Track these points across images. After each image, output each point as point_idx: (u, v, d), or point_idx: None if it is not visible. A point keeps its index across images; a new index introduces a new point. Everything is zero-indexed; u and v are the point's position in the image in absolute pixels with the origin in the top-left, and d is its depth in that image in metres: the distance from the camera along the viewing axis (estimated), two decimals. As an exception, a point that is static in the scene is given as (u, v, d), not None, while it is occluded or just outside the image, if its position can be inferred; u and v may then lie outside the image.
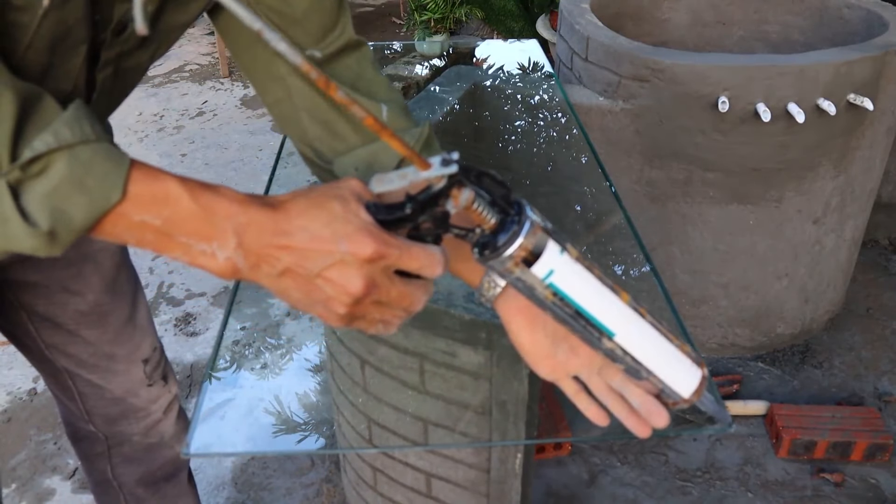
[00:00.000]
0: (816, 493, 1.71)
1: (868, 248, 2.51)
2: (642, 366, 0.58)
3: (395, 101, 0.76)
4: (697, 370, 0.61)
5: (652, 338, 0.57)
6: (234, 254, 0.49)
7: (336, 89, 0.44)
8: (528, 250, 0.49)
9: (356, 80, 0.75)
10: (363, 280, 0.49)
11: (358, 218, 0.49)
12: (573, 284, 0.52)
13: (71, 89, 0.63)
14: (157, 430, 1.18)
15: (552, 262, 0.50)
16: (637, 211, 1.95)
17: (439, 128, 1.59)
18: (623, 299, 0.55)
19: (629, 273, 2.02)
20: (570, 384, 0.65)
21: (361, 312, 0.52)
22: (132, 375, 1.09)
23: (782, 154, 1.79)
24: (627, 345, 0.56)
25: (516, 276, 0.51)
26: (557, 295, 0.52)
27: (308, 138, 0.75)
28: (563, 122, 1.83)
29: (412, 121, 0.76)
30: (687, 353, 0.60)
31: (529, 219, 0.49)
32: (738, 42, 2.37)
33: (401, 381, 1.13)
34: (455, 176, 0.48)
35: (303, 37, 0.71)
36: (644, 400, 0.62)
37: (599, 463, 1.79)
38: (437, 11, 3.84)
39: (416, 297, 0.53)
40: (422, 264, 0.51)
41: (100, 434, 1.16)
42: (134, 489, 1.23)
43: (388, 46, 4.60)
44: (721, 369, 2.06)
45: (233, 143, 3.51)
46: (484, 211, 0.50)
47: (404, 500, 1.31)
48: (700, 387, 0.61)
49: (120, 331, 1.05)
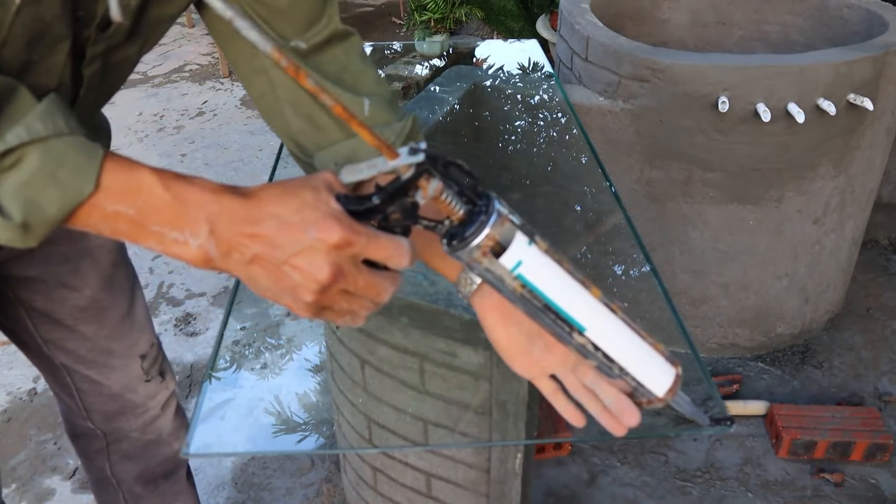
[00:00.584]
0: (816, 493, 1.71)
1: (868, 248, 2.51)
2: (614, 362, 0.57)
3: (380, 95, 0.76)
4: (671, 369, 0.60)
5: (624, 334, 0.57)
6: (207, 242, 0.49)
7: (306, 77, 0.45)
8: (495, 240, 0.49)
9: (342, 71, 0.75)
10: (330, 267, 0.49)
11: (327, 206, 0.49)
12: (542, 276, 0.52)
13: (56, 85, 0.64)
14: (154, 427, 1.18)
15: (520, 254, 0.50)
16: (637, 211, 1.95)
17: (439, 128, 1.58)
18: (594, 294, 0.55)
19: (629, 273, 2.02)
20: (546, 383, 0.65)
21: (329, 301, 0.52)
22: (130, 371, 1.09)
23: (782, 154, 1.79)
24: (598, 340, 0.56)
25: (485, 267, 0.51)
26: (526, 287, 0.52)
27: (292, 132, 0.76)
28: (563, 122, 1.83)
29: (396, 115, 0.76)
30: (660, 352, 0.60)
31: (497, 210, 0.50)
32: (738, 42, 2.37)
33: (401, 381, 1.13)
34: (422, 165, 0.48)
35: (288, 27, 0.72)
36: (616, 398, 0.62)
37: (599, 463, 1.79)
38: (437, 11, 3.84)
39: (383, 287, 0.53)
40: (389, 254, 0.51)
41: (98, 431, 1.16)
42: (132, 486, 1.23)
43: (388, 46, 4.60)
44: (721, 369, 2.06)
45: (233, 143, 3.51)
46: (452, 202, 0.50)
47: (404, 500, 1.31)
48: (674, 385, 0.60)
49: (117, 326, 1.05)
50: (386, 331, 1.09)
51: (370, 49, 4.81)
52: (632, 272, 2.00)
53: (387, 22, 5.18)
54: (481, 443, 1.15)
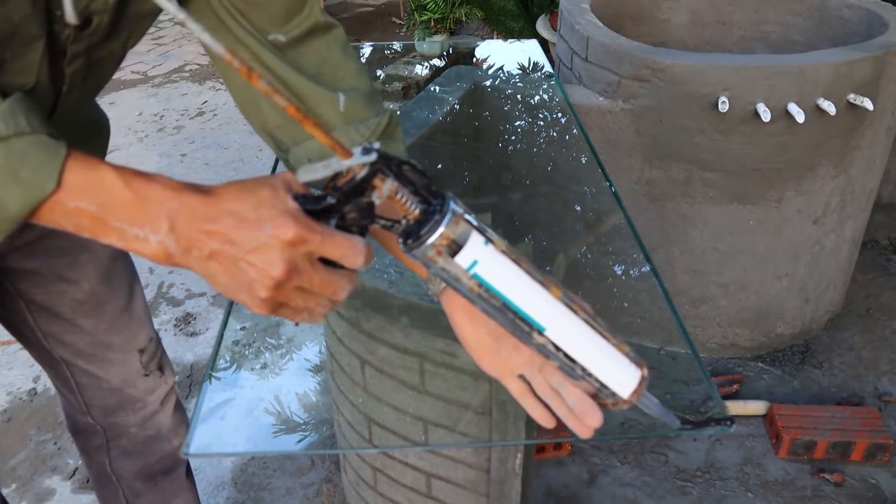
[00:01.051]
0: (816, 493, 1.71)
1: (868, 248, 2.51)
2: (576, 363, 0.57)
3: (359, 89, 0.76)
4: (637, 370, 0.60)
5: (586, 335, 0.57)
6: (167, 238, 0.50)
7: (258, 78, 0.45)
8: (449, 239, 0.50)
9: (322, 63, 0.75)
10: (284, 264, 0.49)
11: (284, 204, 0.50)
12: (499, 276, 0.52)
13: (33, 83, 0.64)
14: (154, 422, 1.18)
15: (476, 253, 0.51)
16: (637, 211, 1.95)
17: (439, 128, 1.58)
18: (554, 294, 0.55)
19: (629, 273, 2.02)
20: (515, 384, 0.65)
21: (284, 298, 0.52)
22: (129, 365, 1.10)
23: (782, 154, 1.79)
24: (559, 340, 0.56)
25: (440, 266, 0.51)
26: (483, 286, 0.52)
27: (268, 126, 0.76)
28: (563, 122, 1.83)
29: (373, 110, 0.76)
30: (625, 353, 0.60)
31: (452, 209, 0.50)
32: (738, 42, 2.37)
33: (401, 381, 1.13)
34: (376, 165, 0.49)
35: (267, 20, 0.72)
36: (579, 399, 0.62)
37: (599, 463, 1.79)
38: (437, 11, 3.84)
39: (339, 285, 0.53)
40: (343, 253, 0.51)
41: (98, 427, 1.16)
42: (132, 483, 1.24)
43: (388, 46, 4.60)
44: (721, 369, 2.06)
45: (233, 143, 3.51)
46: (408, 201, 0.51)
47: (404, 500, 1.31)
48: (639, 387, 0.60)
49: (116, 320, 1.06)
50: (386, 331, 1.09)
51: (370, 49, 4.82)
52: (632, 272, 2.00)
53: (387, 22, 5.18)
54: (481, 443, 1.15)
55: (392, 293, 1.03)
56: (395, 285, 1.03)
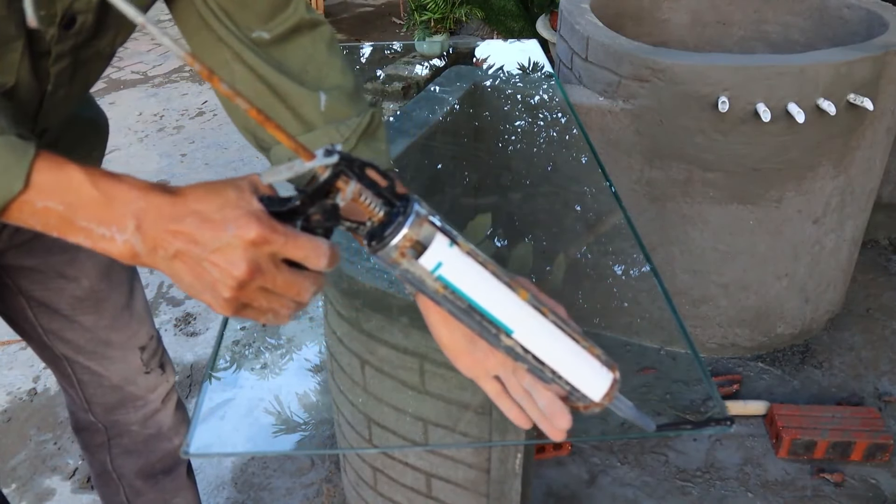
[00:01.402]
0: (816, 493, 1.71)
1: (868, 248, 2.51)
2: (546, 365, 0.57)
3: (343, 87, 0.76)
4: (608, 373, 0.60)
5: (555, 337, 0.57)
6: (133, 237, 0.50)
7: (219, 81, 0.46)
8: (412, 241, 0.50)
9: (307, 61, 0.75)
10: (247, 264, 0.50)
11: (249, 205, 0.50)
12: (464, 278, 0.52)
13: (13, 82, 0.64)
14: (155, 420, 1.19)
15: (440, 255, 0.51)
16: (637, 211, 1.95)
17: (439, 128, 1.58)
18: (521, 297, 0.55)
19: (629, 273, 2.02)
20: (491, 385, 0.65)
21: (248, 299, 0.52)
22: (129, 363, 1.10)
23: (782, 154, 1.79)
24: (528, 343, 0.56)
25: (404, 268, 0.51)
26: (448, 288, 0.52)
27: (250, 125, 0.76)
28: (563, 122, 1.83)
29: (356, 109, 0.76)
30: (596, 356, 0.59)
31: (416, 211, 0.50)
32: (738, 42, 2.37)
33: (401, 381, 1.13)
34: (338, 167, 0.49)
35: (251, 17, 0.72)
36: (549, 401, 0.62)
37: (599, 463, 1.79)
38: (437, 11, 3.84)
39: (303, 286, 0.53)
40: (307, 254, 0.51)
41: (100, 424, 1.17)
42: (133, 481, 1.24)
43: (388, 46, 4.60)
44: (721, 369, 2.06)
45: (233, 143, 3.51)
46: (371, 203, 0.51)
47: (404, 500, 1.31)
48: (611, 390, 0.60)
49: (117, 317, 1.06)
50: (386, 331, 1.09)
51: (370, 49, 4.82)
52: (632, 272, 2.00)
53: (387, 22, 5.18)
54: (481, 443, 1.15)
55: (392, 293, 1.03)
56: (395, 285, 1.04)
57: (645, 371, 2.03)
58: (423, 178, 1.62)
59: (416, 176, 1.57)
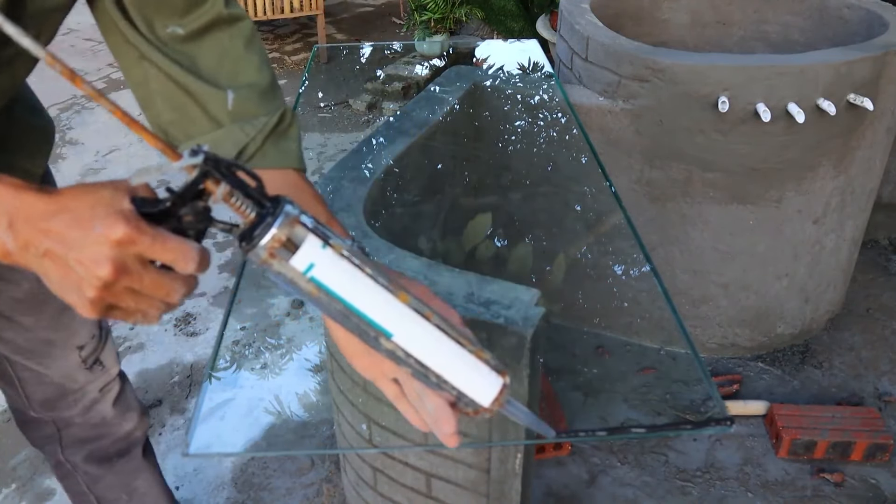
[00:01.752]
0: (816, 493, 1.71)
1: (868, 248, 2.51)
2: (430, 370, 0.56)
3: (256, 85, 0.76)
4: (497, 378, 0.59)
5: (438, 341, 0.56)
6: (5, 235, 0.50)
7: (81, 82, 0.46)
8: (281, 242, 0.50)
9: (222, 56, 0.75)
10: (112, 263, 0.49)
11: (119, 205, 0.50)
12: (339, 279, 0.52)
13: None
14: (96, 411, 1.19)
15: (312, 256, 0.50)
16: (637, 211, 1.95)
17: (439, 128, 1.58)
18: (402, 300, 0.54)
19: (629, 273, 2.02)
20: (389, 386, 0.65)
21: (114, 299, 0.52)
22: (69, 360, 1.11)
23: (782, 154, 1.79)
24: (409, 347, 0.55)
25: (276, 270, 0.51)
26: (322, 289, 0.52)
27: (162, 122, 0.77)
28: (563, 122, 1.83)
29: (267, 108, 0.76)
30: (485, 361, 0.59)
31: (285, 212, 0.50)
32: (738, 42, 2.37)
33: (401, 381, 1.13)
34: (205, 167, 0.49)
35: (166, 12, 0.72)
36: (437, 405, 0.61)
37: (599, 463, 1.79)
38: (437, 11, 3.84)
39: (172, 288, 0.53)
40: (175, 256, 0.51)
41: (44, 418, 1.18)
42: (87, 468, 1.25)
43: (388, 46, 4.59)
44: (721, 369, 2.06)
45: (233, 143, 3.51)
46: (242, 205, 0.50)
47: (404, 500, 1.31)
48: (500, 395, 0.59)
49: (58, 318, 1.06)
50: (386, 331, 1.09)
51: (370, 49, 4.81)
52: (632, 272, 2.00)
53: (387, 22, 5.18)
54: (481, 443, 1.15)
55: (392, 293, 1.03)
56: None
57: (645, 371, 2.03)
58: (423, 178, 1.62)
59: (416, 176, 1.57)
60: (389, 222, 1.42)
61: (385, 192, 1.37)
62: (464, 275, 1.05)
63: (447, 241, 1.75)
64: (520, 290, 1.02)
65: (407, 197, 1.55)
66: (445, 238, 1.75)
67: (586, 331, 2.16)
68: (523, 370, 1.00)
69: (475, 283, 1.04)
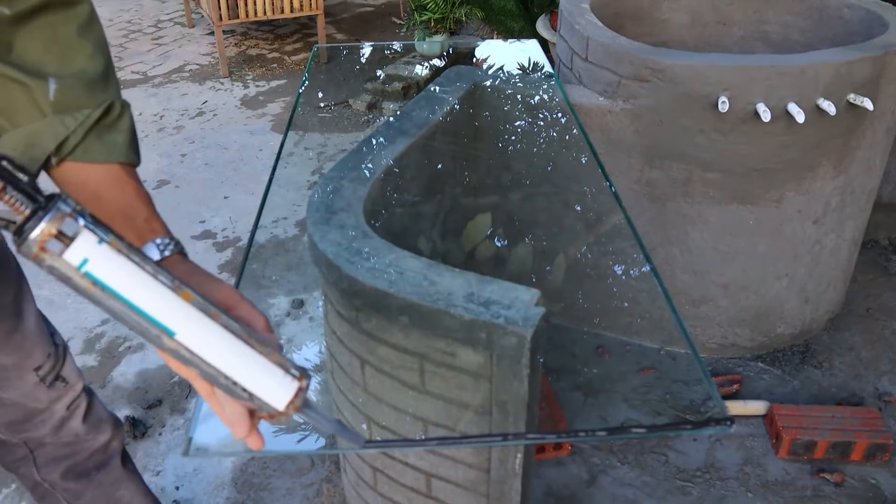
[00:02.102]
0: (816, 493, 1.71)
1: (868, 248, 2.51)
2: (218, 371, 0.56)
3: (83, 75, 0.73)
4: (293, 381, 0.59)
5: (226, 342, 0.56)
6: None
7: None
8: (51, 236, 0.49)
9: (51, 41, 0.72)
10: None
11: None
12: (116, 276, 0.51)
13: None
14: (67, 429, 1.17)
15: (86, 252, 0.50)
16: (637, 211, 1.95)
17: (439, 128, 1.58)
18: (184, 298, 0.54)
19: (629, 273, 2.02)
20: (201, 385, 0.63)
21: None
22: (26, 382, 1.08)
23: (782, 154, 1.79)
24: (193, 346, 0.55)
25: (49, 265, 0.51)
26: (98, 285, 0.51)
27: None
28: (563, 122, 1.83)
29: (94, 99, 0.73)
30: (279, 363, 0.58)
31: (57, 206, 0.50)
32: (738, 42, 2.37)
33: (401, 381, 1.13)
34: None
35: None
36: (233, 409, 0.60)
37: (599, 463, 1.79)
38: (437, 11, 3.84)
39: None
40: None
41: (13, 440, 1.15)
42: (66, 485, 1.22)
43: (388, 46, 4.59)
44: (721, 369, 2.06)
45: (233, 143, 3.51)
46: (17, 200, 0.50)
47: (404, 500, 1.31)
48: (295, 398, 0.58)
49: (5, 342, 1.03)
50: (386, 331, 1.09)
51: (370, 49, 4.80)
52: (632, 272, 2.00)
53: (387, 22, 5.18)
54: (481, 443, 1.15)
55: (392, 293, 1.03)
56: (395, 285, 1.03)
57: (645, 371, 2.03)
58: (423, 178, 1.62)
59: (416, 176, 1.57)
60: (389, 222, 1.42)
61: (385, 192, 1.37)
62: (464, 275, 1.06)
63: (447, 241, 1.75)
64: (520, 290, 1.02)
65: (407, 197, 1.55)
66: (445, 238, 1.75)
67: (586, 331, 2.16)
68: (523, 370, 1.00)
69: (475, 283, 1.04)
